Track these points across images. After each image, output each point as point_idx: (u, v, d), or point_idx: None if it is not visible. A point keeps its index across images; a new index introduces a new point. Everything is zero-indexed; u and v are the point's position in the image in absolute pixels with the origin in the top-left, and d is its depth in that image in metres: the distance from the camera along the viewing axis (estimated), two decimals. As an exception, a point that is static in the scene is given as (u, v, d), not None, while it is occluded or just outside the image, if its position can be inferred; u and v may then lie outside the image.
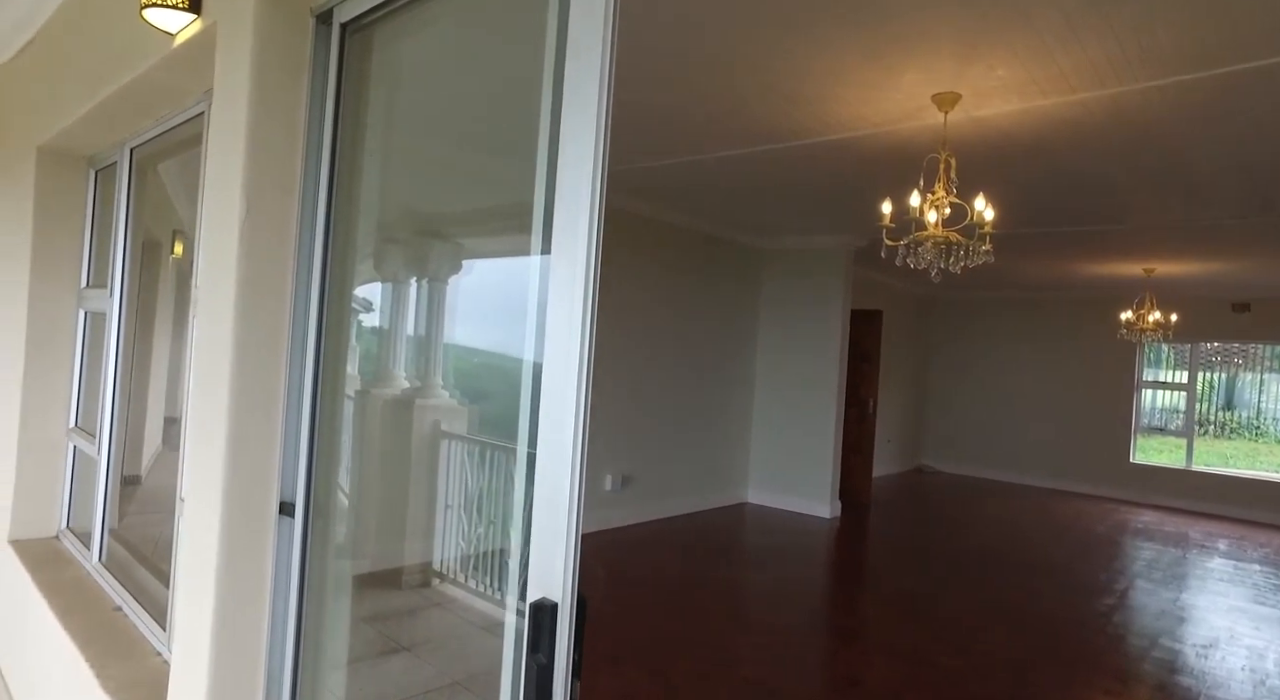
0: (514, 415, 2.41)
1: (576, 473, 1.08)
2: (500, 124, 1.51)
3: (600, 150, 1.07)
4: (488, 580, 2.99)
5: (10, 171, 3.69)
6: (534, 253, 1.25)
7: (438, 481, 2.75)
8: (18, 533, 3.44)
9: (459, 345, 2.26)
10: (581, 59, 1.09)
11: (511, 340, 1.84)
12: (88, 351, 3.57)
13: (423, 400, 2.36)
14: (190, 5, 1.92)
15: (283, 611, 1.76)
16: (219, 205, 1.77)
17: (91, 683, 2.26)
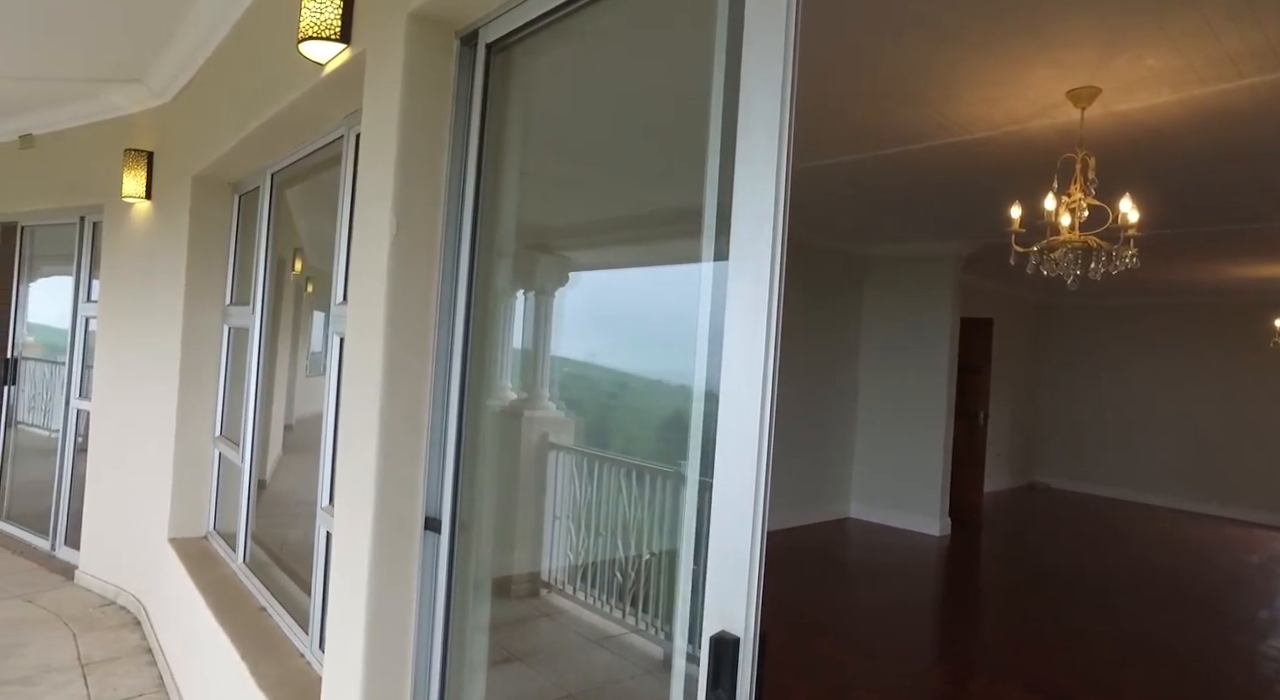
0: (625, 427, 2.37)
1: (761, 501, 1.03)
2: (657, 130, 1.48)
3: (784, 148, 1.02)
4: (596, 592, 2.98)
5: (171, 200, 3.99)
6: (705, 259, 1.21)
7: (545, 493, 2.76)
8: (174, 532, 3.70)
9: (575, 357, 2.26)
10: (761, 50, 1.05)
11: (645, 353, 1.82)
12: (230, 365, 3.82)
13: (530, 412, 2.37)
14: (341, 36, 2.01)
15: (428, 625, 1.79)
16: (369, 223, 1.83)
17: (248, 679, 2.38)
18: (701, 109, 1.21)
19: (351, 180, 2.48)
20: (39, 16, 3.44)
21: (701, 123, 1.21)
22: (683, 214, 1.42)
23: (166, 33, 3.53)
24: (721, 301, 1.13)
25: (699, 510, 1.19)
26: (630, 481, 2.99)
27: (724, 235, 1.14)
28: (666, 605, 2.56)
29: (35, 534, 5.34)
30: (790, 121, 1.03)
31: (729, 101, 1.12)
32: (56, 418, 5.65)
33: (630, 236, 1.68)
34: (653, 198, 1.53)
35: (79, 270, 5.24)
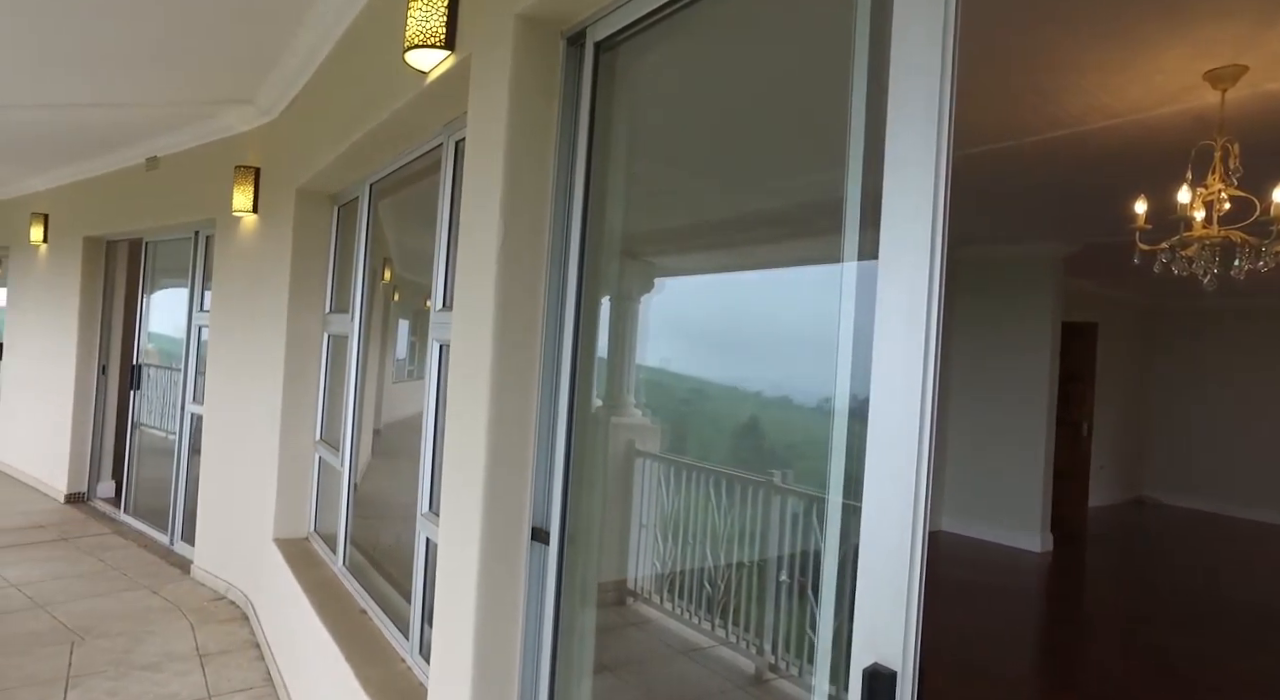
0: (715, 434, 2.28)
1: (920, 524, 0.93)
2: (781, 124, 1.41)
3: (945, 134, 0.93)
4: (683, 602, 2.90)
5: (276, 213, 4.17)
6: (847, 259, 1.12)
7: (632, 501, 2.71)
8: (279, 533, 3.84)
9: (662, 363, 2.19)
10: (916, 29, 0.96)
11: (740, 359, 1.74)
12: (329, 371, 3.94)
13: (616, 418, 2.32)
14: (446, 42, 2.02)
15: (534, 636, 1.75)
16: (476, 228, 1.81)
17: (353, 682, 2.41)
18: (836, 97, 1.12)
19: (451, 187, 2.50)
20: (166, 48, 3.66)
21: (836, 112, 1.13)
22: (810, 212, 1.34)
23: (275, 54, 3.69)
24: (866, 305, 1.05)
25: (843, 534, 1.10)
26: (720, 490, 2.90)
27: (869, 232, 1.05)
28: (758, 618, 2.46)
29: (156, 529, 5.68)
30: (951, 104, 0.94)
31: (874, 84, 1.04)
32: (171, 420, 6.00)
33: (742, 238, 1.60)
34: (771, 197, 1.45)
35: (193, 282, 5.56)
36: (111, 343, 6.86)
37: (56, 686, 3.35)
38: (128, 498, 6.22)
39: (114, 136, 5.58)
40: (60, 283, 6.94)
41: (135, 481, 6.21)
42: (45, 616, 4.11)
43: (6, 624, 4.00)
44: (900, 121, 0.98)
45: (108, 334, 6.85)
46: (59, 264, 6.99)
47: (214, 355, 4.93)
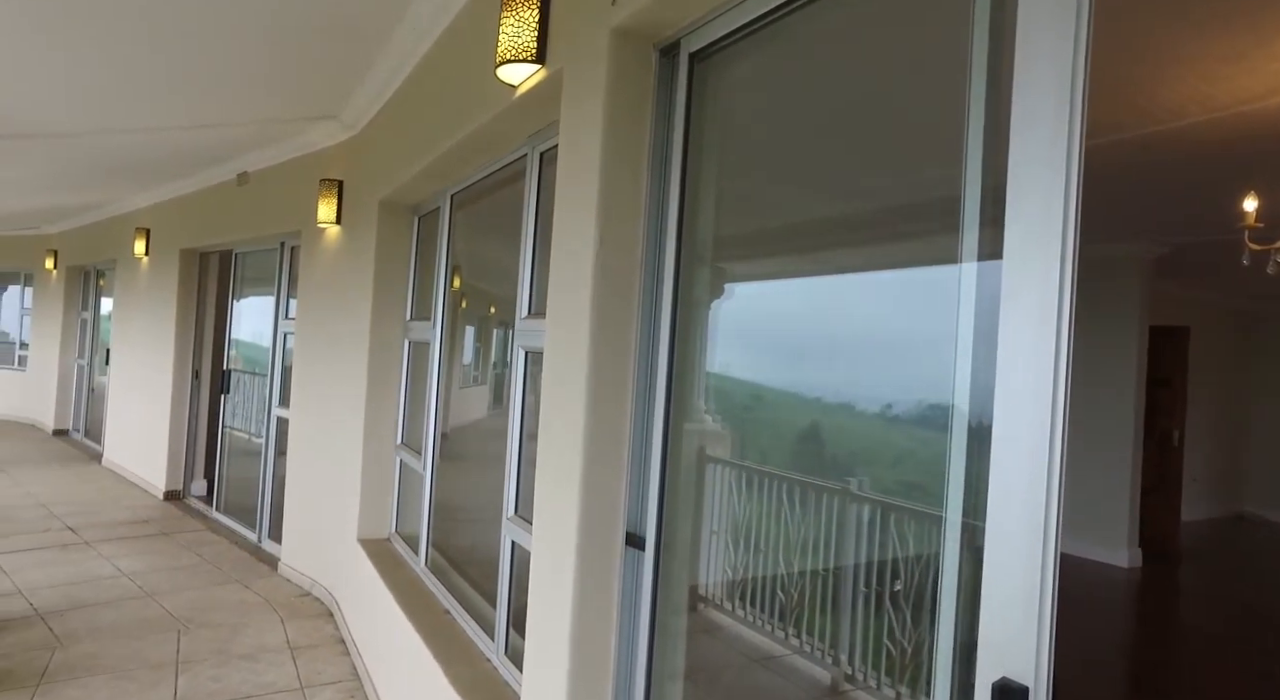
0: (789, 441, 2.25)
1: (1052, 536, 0.91)
2: (890, 122, 1.39)
3: (1078, 124, 0.91)
4: (755, 610, 2.87)
5: (358, 224, 4.33)
6: (965, 259, 1.10)
7: (704, 506, 2.70)
8: (363, 533, 3.98)
9: (738, 369, 2.18)
10: (1043, 16, 0.94)
11: (816, 366, 1.71)
12: (410, 376, 4.06)
13: (688, 424, 2.32)
14: (536, 57, 2.07)
15: (629, 642, 1.77)
16: (570, 238, 1.85)
17: (442, 679, 2.48)
18: (950, 92, 1.11)
19: (535, 197, 2.56)
20: (259, 71, 3.85)
21: (949, 108, 1.11)
22: (913, 212, 1.32)
23: (361, 72, 3.84)
24: (986, 307, 1.03)
25: (962, 545, 1.07)
26: (792, 497, 2.87)
27: (989, 232, 1.03)
28: (833, 627, 2.41)
29: (245, 526, 5.96)
30: (1084, 92, 0.91)
31: (994, 75, 1.02)
32: (254, 422, 6.30)
33: (835, 241, 1.58)
34: (869, 198, 1.43)
35: (279, 290, 5.82)
36: (203, 349, 7.25)
37: (168, 670, 3.55)
38: (218, 496, 6.54)
39: (208, 155, 5.90)
40: (159, 293, 7.37)
41: (226, 481, 6.54)
42: (155, 605, 4.36)
43: (123, 610, 4.26)
44: (1027, 113, 0.96)
45: (200, 341, 7.23)
46: (158, 275, 7.43)
47: (299, 361, 5.15)
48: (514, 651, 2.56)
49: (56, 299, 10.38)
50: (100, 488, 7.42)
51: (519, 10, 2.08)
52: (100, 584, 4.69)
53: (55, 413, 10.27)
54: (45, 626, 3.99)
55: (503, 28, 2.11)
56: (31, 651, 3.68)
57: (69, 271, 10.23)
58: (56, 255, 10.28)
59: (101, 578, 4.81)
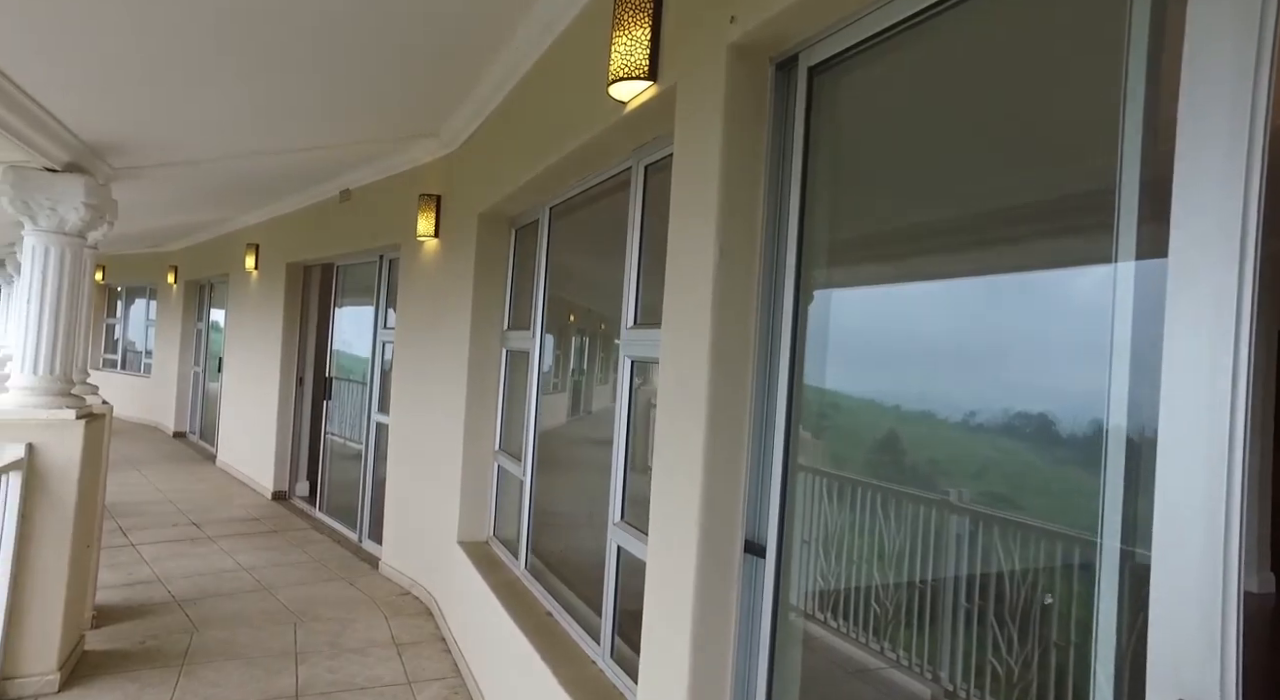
0: (880, 450, 2.19)
1: (1234, 565, 0.88)
2: (1031, 118, 1.36)
3: (1263, 106, 0.87)
4: (848, 621, 2.81)
5: (456, 237, 4.51)
6: (1119, 259, 1.07)
7: (795, 515, 2.68)
8: (462, 536, 4.12)
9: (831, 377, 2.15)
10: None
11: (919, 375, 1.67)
12: (507, 384, 4.19)
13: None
14: (649, 74, 2.12)
15: (748, 650, 1.78)
16: (689, 249, 1.88)
17: (551, 680, 2.55)
18: (1095, 81, 1.08)
19: (640, 209, 2.61)
20: (366, 95, 4.06)
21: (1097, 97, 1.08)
22: (1060, 211, 1.29)
23: (463, 92, 4.00)
24: (1144, 314, 1.00)
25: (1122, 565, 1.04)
26: (888, 507, 2.81)
27: (1148, 228, 1.00)
28: (932, 642, 2.34)
29: (346, 526, 6.27)
30: (1271, 71, 0.87)
31: (1154, 54, 0.99)
32: (351, 427, 6.62)
33: (970, 243, 1.54)
34: (1010, 197, 1.40)
35: (378, 301, 6.11)
36: (306, 357, 7.67)
37: (288, 660, 3.77)
38: (321, 497, 6.90)
39: (314, 174, 6.25)
40: (267, 304, 7.86)
41: (328, 482, 6.89)
42: (272, 598, 4.64)
43: (245, 602, 4.56)
44: (1198, 93, 0.91)
45: (303, 349, 7.66)
46: (266, 288, 7.92)
47: (398, 369, 5.38)
48: (619, 655, 2.60)
49: (176, 311, 11.19)
50: (216, 486, 7.94)
51: (631, 30, 2.14)
52: (223, 576, 5.02)
53: (175, 416, 11.06)
54: (183, 613, 4.30)
55: (614, 47, 2.17)
56: (174, 634, 3.99)
57: (186, 285, 11.02)
58: (176, 270, 11.09)
59: (224, 570, 5.15)
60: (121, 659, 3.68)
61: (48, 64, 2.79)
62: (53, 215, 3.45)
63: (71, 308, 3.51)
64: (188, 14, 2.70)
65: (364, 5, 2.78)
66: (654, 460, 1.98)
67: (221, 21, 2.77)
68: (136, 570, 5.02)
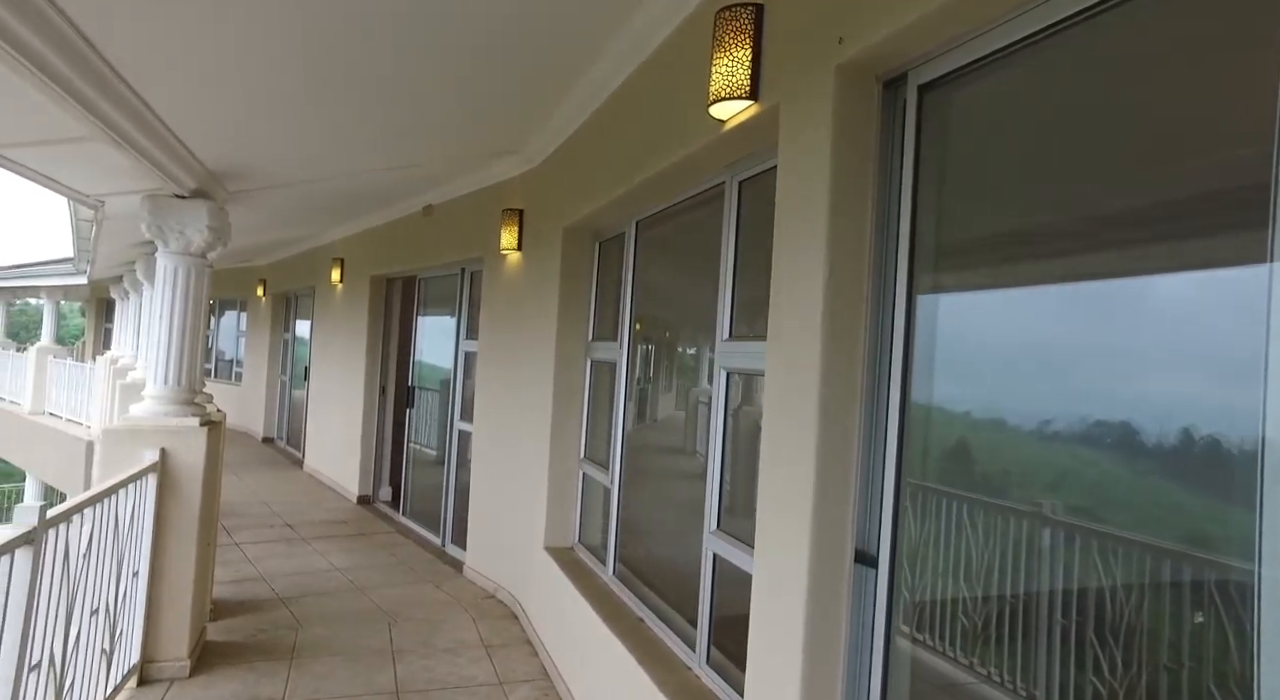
0: (966, 460, 2.16)
1: None
2: (1172, 118, 1.37)
3: None
4: (934, 635, 2.77)
5: (539, 250, 4.66)
6: (1275, 259, 1.07)
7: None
8: (549, 542, 4.24)
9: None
10: None
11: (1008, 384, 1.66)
12: (591, 394, 4.30)
13: None
14: (750, 93, 2.18)
15: (860, 659, 1.81)
16: (796, 264, 1.93)
17: (649, 684, 2.62)
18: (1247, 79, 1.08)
19: (735, 223, 2.67)
20: (453, 116, 4.25)
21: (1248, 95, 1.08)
22: (1203, 209, 1.29)
23: (548, 111, 4.15)
24: None
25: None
26: (975, 518, 2.77)
27: None
28: (1024, 657, 2.30)
29: (429, 530, 6.49)
30: None
31: None
32: (432, 435, 6.86)
33: (1102, 244, 1.53)
34: (1150, 196, 1.40)
35: (459, 312, 6.33)
36: (389, 367, 7.99)
37: (386, 657, 3.95)
38: (404, 502, 7.17)
39: (398, 191, 6.53)
40: (351, 316, 8.22)
41: (411, 488, 7.15)
42: (365, 598, 4.86)
43: (341, 601, 4.79)
44: None
45: (386, 360, 7.98)
46: (350, 300, 8.29)
47: (482, 378, 5.56)
48: (714, 661, 2.65)
49: (264, 322, 11.81)
50: (304, 490, 8.34)
51: (732, 51, 2.21)
52: (319, 575, 5.28)
53: (263, 422, 11.64)
54: (286, 609, 4.55)
55: (715, 67, 2.25)
56: (281, 630, 4.23)
57: (274, 298, 11.61)
58: (265, 284, 11.70)
59: (319, 570, 5.42)
60: (238, 650, 3.92)
61: (189, 101, 3.04)
62: (181, 238, 3.74)
63: (195, 323, 3.79)
64: (306, 49, 2.90)
65: (457, 36, 2.93)
66: (760, 470, 2.03)
67: (333, 55, 2.97)
68: (242, 568, 5.33)
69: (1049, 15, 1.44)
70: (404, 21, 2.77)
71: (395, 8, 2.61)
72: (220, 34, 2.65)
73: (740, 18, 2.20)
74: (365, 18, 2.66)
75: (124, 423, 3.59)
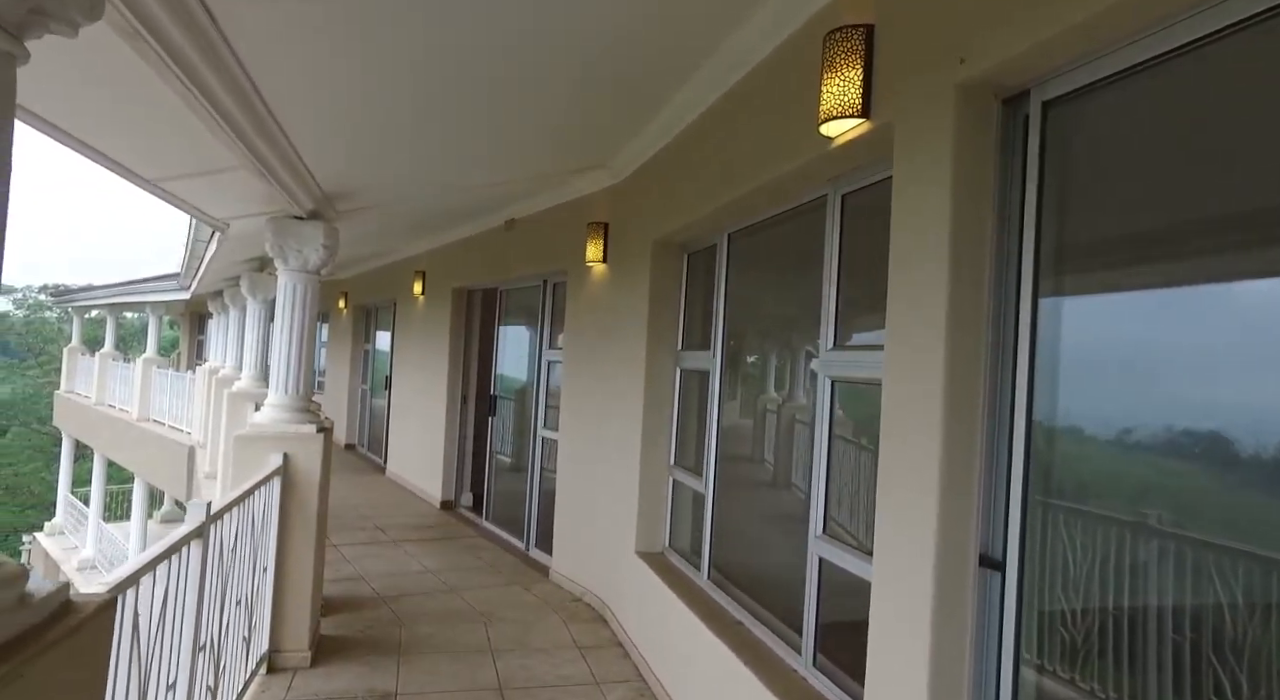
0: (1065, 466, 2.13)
1: None
2: None
3: None
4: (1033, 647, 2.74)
5: (626, 262, 4.80)
6: None
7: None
8: (640, 547, 4.35)
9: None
10: None
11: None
12: (681, 402, 4.40)
13: None
14: (861, 112, 2.25)
15: (986, 667, 1.84)
16: (914, 276, 2.00)
17: (755, 684, 2.69)
18: None
19: (839, 235, 2.74)
20: (545, 135, 4.44)
21: None
22: None
23: (638, 127, 4.29)
24: None
25: None
26: (1073, 528, 2.74)
27: None
28: (1131, 674, 2.27)
29: (512, 535, 6.69)
30: None
31: None
32: (513, 442, 7.07)
33: (1243, 243, 1.55)
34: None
35: (542, 323, 6.53)
36: (470, 376, 8.27)
37: (486, 656, 4.12)
38: (486, 507, 7.40)
39: (482, 206, 6.79)
40: (433, 327, 8.55)
41: (493, 494, 7.38)
42: (459, 599, 5.06)
43: (437, 601, 5.01)
44: None
45: (467, 369, 8.27)
46: (432, 311, 8.62)
47: (568, 388, 5.73)
48: (821, 664, 2.70)
49: (346, 333, 12.35)
50: (389, 495, 8.68)
51: (843, 72, 2.29)
52: (412, 577, 5.52)
53: (346, 430, 12.16)
54: (389, 608, 4.79)
55: (826, 87, 2.33)
56: (386, 626, 4.45)
57: (355, 310, 12.13)
58: (347, 296, 12.25)
59: (412, 572, 5.66)
60: (350, 644, 4.16)
61: (316, 131, 3.30)
62: (299, 256, 4.01)
63: (310, 335, 4.06)
64: (414, 81, 3.11)
65: (552, 69, 3.09)
66: (879, 475, 2.09)
67: (437, 86, 3.17)
68: (342, 568, 5.62)
69: (1185, 34, 1.48)
70: (501, 54, 2.94)
71: (496, 41, 2.77)
72: (349, 68, 2.88)
73: (851, 39, 2.28)
74: (468, 50, 2.84)
75: (252, 429, 3.87)
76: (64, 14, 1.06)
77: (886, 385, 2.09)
